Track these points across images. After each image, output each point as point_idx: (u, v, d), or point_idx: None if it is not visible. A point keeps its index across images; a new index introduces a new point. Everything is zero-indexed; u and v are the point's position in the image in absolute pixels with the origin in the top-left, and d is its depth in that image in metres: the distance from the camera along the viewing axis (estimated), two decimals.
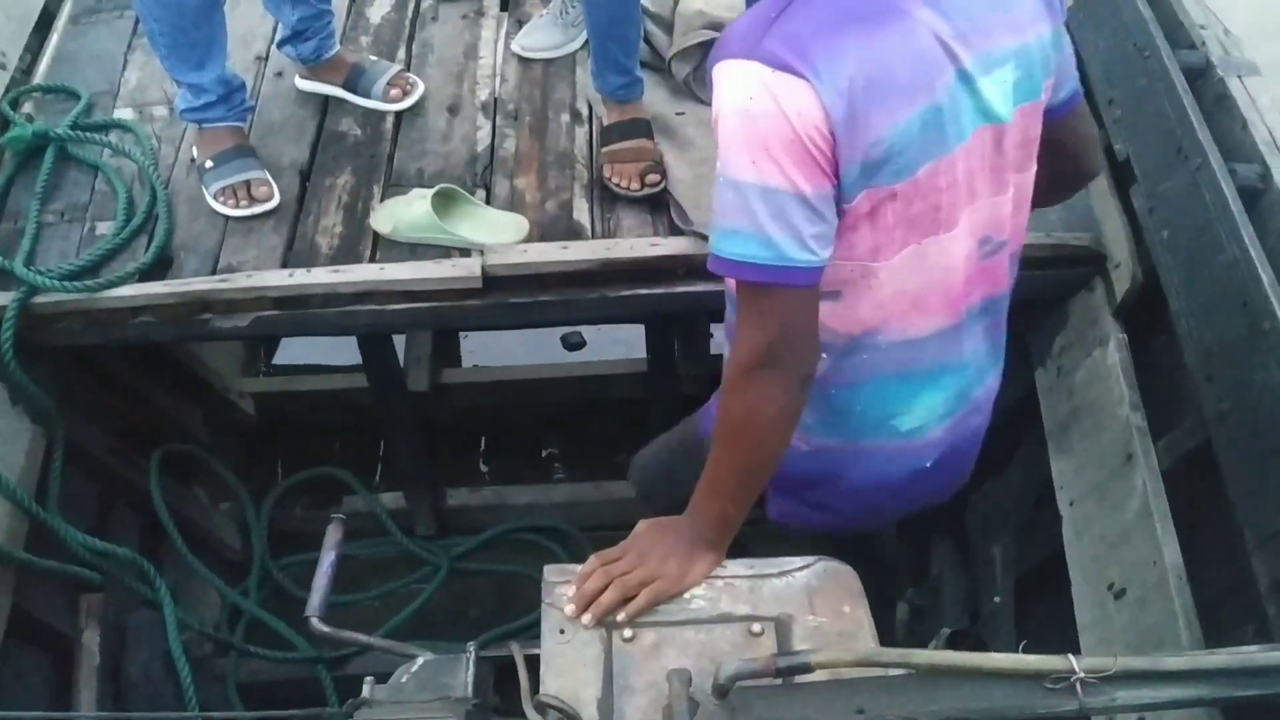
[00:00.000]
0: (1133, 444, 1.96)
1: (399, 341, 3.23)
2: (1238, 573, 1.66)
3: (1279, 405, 1.65)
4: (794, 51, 1.23)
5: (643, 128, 2.43)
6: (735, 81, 1.26)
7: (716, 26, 2.62)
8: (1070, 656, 1.08)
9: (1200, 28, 2.23)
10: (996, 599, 2.25)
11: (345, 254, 2.29)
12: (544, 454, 3.51)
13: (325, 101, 2.64)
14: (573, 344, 3.80)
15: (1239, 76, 2.12)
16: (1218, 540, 1.77)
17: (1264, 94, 2.10)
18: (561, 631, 1.34)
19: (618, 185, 2.37)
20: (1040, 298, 2.34)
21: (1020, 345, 2.43)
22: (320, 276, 2.22)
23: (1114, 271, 2.18)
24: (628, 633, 1.33)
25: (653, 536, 1.43)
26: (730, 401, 1.39)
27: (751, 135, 1.25)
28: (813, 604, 1.36)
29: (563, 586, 1.39)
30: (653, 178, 2.34)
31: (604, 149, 2.44)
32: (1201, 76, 2.15)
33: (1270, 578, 1.58)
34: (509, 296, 2.25)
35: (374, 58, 2.68)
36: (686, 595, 1.38)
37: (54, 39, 2.78)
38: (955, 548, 2.55)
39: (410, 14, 2.89)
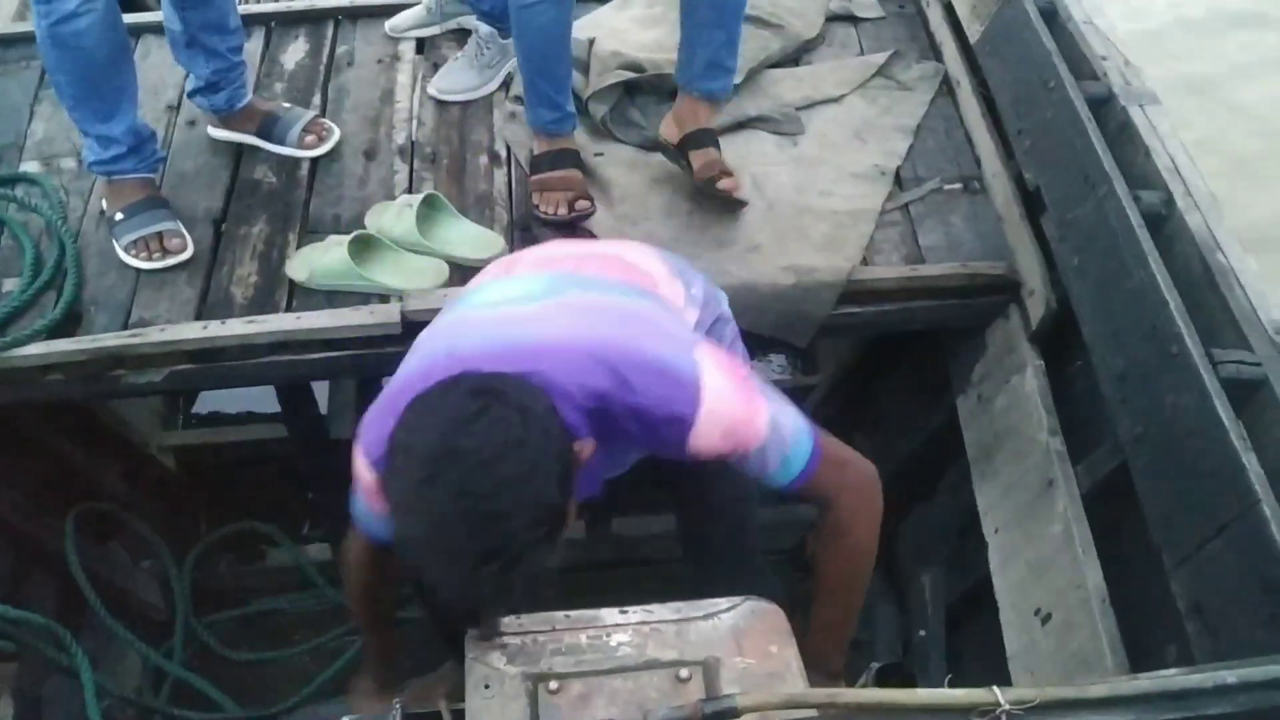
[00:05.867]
0: (1053, 469, 1.99)
1: (322, 390, 3.18)
2: (1159, 594, 1.69)
3: (1190, 427, 1.68)
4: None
5: (572, 158, 2.43)
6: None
7: (632, 67, 2.64)
8: (995, 689, 1.09)
9: (1102, 59, 2.30)
10: (922, 632, 2.26)
11: (261, 304, 2.26)
12: None
13: (239, 150, 2.61)
14: None
15: (1140, 105, 2.18)
16: (1138, 562, 1.79)
17: (1164, 121, 2.16)
18: (486, 686, 1.32)
19: (545, 213, 2.38)
20: (958, 326, 2.38)
21: (941, 373, 2.47)
22: (235, 328, 2.18)
23: (1029, 299, 2.22)
24: (553, 684, 1.31)
25: None
26: (872, 533, 1.54)
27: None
28: (740, 645, 1.35)
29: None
30: (582, 204, 2.36)
31: (533, 177, 2.44)
32: (1105, 106, 2.21)
33: (1189, 598, 1.61)
34: None
35: (288, 105, 2.66)
36: (613, 642, 1.36)
37: None
38: (885, 577, 2.56)
39: (325, 60, 2.87)
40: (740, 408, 1.43)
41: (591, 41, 2.67)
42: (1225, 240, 1.89)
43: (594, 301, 1.50)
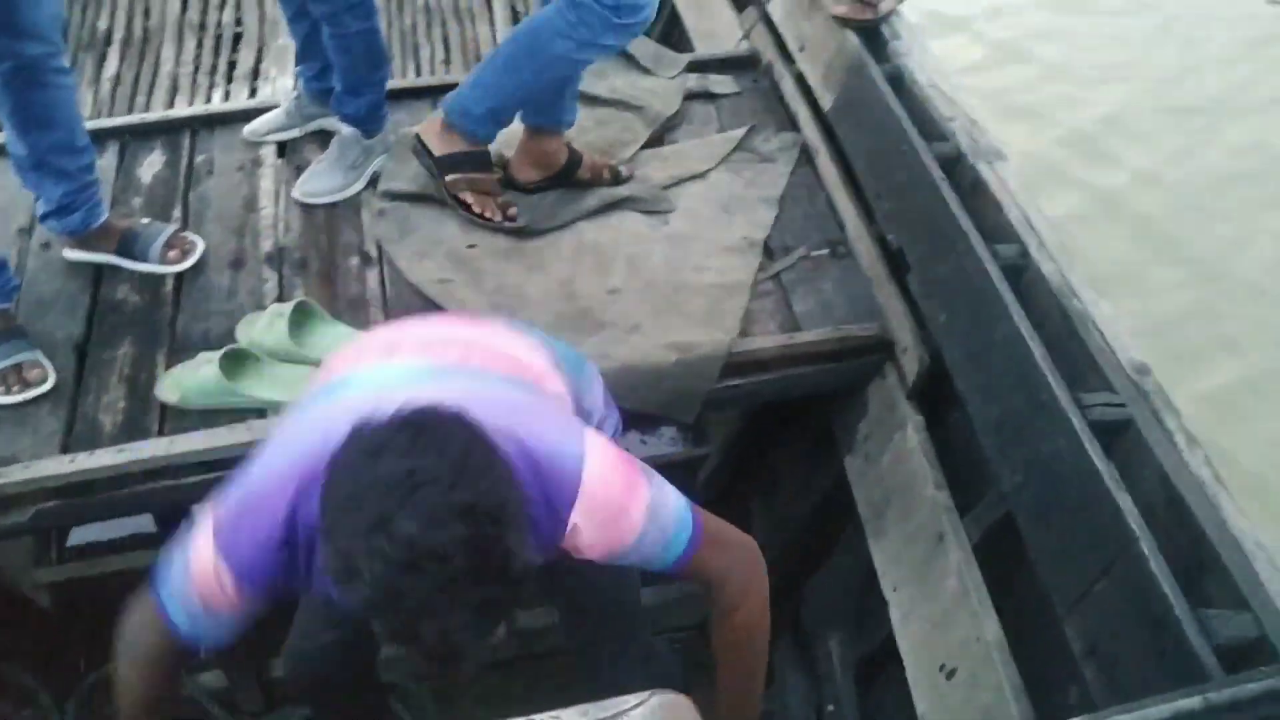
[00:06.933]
0: (942, 523, 2.02)
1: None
2: (1056, 638, 1.72)
3: (1066, 472, 1.73)
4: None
5: (489, 160, 2.58)
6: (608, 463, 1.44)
7: None
8: None
9: (949, 120, 2.39)
10: (831, 707, 2.26)
11: (131, 431, 2.17)
12: None
13: (99, 270, 2.52)
14: None
15: (989, 162, 2.27)
16: (1034, 609, 1.82)
17: (1013, 177, 2.26)
18: None
19: (481, 214, 2.53)
20: (839, 388, 2.42)
21: (828, 435, 2.50)
22: (105, 458, 2.09)
23: (903, 357, 2.27)
24: None
25: None
26: (762, 609, 1.56)
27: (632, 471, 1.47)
28: None
29: None
30: (512, 210, 2.53)
31: (462, 175, 2.53)
32: (956, 165, 2.29)
33: (1083, 641, 1.64)
34: None
35: (147, 220, 2.59)
36: None
37: None
38: (793, 644, 2.55)
39: (183, 170, 2.81)
40: (616, 503, 1.42)
41: None
42: (1079, 286, 1.97)
43: (480, 392, 1.47)
